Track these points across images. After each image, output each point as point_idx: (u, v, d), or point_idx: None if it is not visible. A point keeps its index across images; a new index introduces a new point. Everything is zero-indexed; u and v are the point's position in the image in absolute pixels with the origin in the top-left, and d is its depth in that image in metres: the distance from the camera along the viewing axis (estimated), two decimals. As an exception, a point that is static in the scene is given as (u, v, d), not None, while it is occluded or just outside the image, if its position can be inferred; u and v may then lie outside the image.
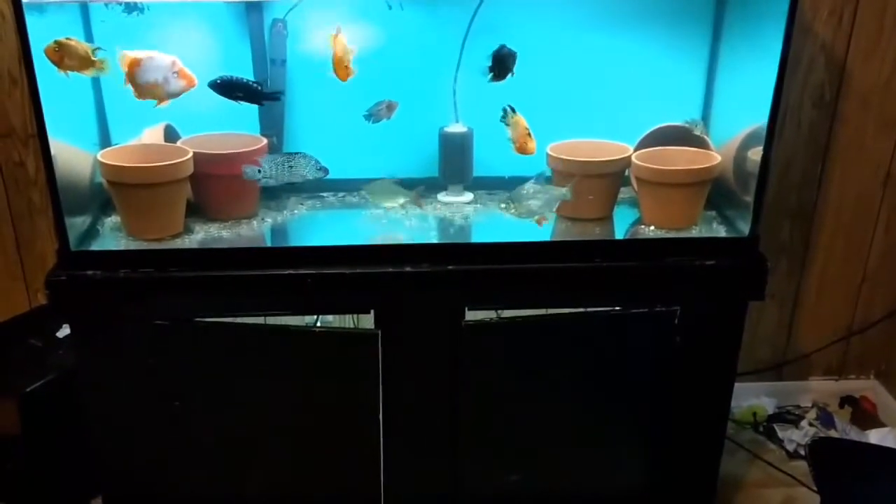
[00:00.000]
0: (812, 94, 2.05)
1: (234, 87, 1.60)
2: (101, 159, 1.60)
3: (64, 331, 1.94)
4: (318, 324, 1.67)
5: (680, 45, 1.84)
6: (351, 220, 1.79)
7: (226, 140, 1.72)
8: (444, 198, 1.85)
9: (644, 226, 1.74)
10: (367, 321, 1.64)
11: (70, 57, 1.48)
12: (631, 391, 1.75)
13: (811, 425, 2.25)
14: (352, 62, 1.60)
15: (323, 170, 1.65)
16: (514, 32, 1.70)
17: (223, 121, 1.74)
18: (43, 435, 1.83)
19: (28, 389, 1.78)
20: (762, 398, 2.33)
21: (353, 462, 1.74)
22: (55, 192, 1.52)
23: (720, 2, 1.81)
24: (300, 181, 1.65)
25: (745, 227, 1.67)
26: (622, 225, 1.77)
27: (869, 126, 2.09)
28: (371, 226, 1.75)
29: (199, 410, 1.68)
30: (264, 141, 1.72)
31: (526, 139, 1.66)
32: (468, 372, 1.67)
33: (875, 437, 2.19)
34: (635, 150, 1.75)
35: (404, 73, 1.75)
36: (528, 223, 1.66)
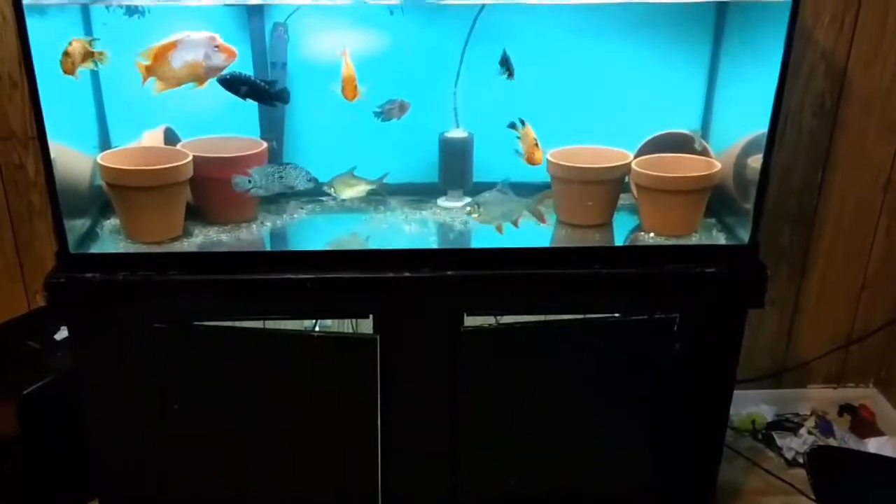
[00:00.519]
0: (813, 102, 2.05)
1: (243, 84, 1.58)
2: (101, 162, 1.60)
3: (62, 333, 1.94)
4: (317, 328, 1.67)
5: (680, 52, 1.84)
6: (350, 225, 1.79)
7: (226, 143, 1.72)
8: (444, 203, 1.85)
9: (644, 233, 1.74)
10: (366, 326, 1.63)
11: (76, 59, 1.49)
12: (630, 398, 1.75)
13: (810, 433, 2.24)
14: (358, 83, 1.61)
15: (313, 180, 1.66)
16: (515, 39, 1.70)
17: (223, 124, 1.74)
18: (41, 437, 1.83)
19: (26, 391, 1.78)
20: (761, 406, 2.32)
21: (352, 467, 1.74)
22: (54, 195, 1.52)
23: (721, 9, 1.81)
24: (290, 192, 1.64)
25: (745, 235, 1.67)
26: (622, 231, 1.77)
27: (870, 131, 2.09)
28: (370, 230, 1.75)
29: (198, 414, 1.68)
30: (264, 145, 1.72)
31: (534, 150, 1.67)
32: (467, 377, 1.67)
33: (873, 446, 2.18)
34: (635, 157, 1.75)
35: (405, 78, 1.75)
36: (531, 227, 1.66)
